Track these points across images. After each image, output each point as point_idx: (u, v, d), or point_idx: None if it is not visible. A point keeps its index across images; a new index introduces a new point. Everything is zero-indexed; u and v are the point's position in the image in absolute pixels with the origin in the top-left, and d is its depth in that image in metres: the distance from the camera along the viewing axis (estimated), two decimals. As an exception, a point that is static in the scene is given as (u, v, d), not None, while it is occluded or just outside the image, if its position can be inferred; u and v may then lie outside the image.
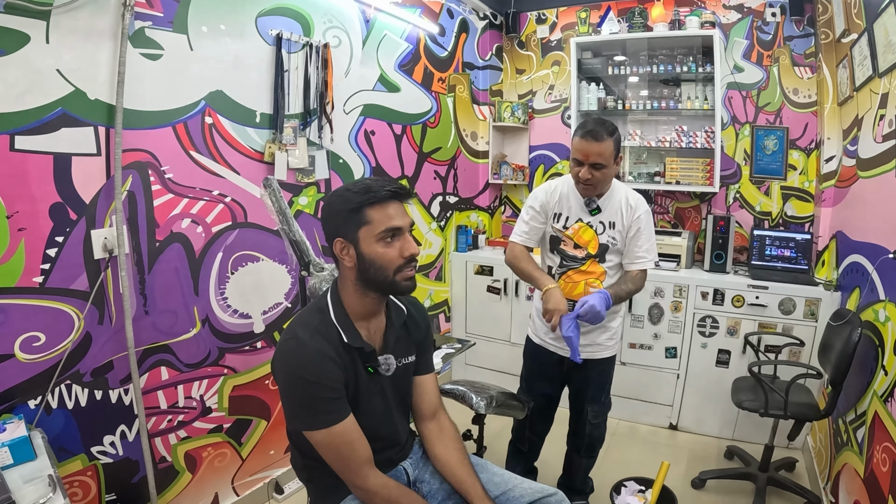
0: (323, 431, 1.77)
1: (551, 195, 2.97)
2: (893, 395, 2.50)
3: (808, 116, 4.48)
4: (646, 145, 4.84)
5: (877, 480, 2.52)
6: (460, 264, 5.17)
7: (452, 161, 5.07)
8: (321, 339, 1.80)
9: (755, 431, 4.13)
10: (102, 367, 2.53)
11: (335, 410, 1.78)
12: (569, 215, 2.91)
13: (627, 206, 2.88)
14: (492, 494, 2.03)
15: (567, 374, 3.15)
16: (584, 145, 2.70)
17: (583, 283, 2.91)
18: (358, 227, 1.79)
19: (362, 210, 1.78)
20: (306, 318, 1.87)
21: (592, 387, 3.14)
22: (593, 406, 3.17)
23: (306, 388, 1.75)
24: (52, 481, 1.86)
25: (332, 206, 1.84)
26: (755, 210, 4.73)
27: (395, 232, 1.81)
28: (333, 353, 1.79)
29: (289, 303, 3.41)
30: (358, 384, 1.89)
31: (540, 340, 3.14)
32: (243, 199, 3.07)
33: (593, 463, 3.40)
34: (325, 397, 1.77)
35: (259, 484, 3.39)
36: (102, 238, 2.44)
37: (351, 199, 1.79)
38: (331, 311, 1.87)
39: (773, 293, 4.04)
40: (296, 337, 1.80)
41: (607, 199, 2.88)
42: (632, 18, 4.73)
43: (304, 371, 1.75)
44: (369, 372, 1.92)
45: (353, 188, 1.82)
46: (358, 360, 1.88)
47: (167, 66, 2.65)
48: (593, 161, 2.69)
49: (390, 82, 4.15)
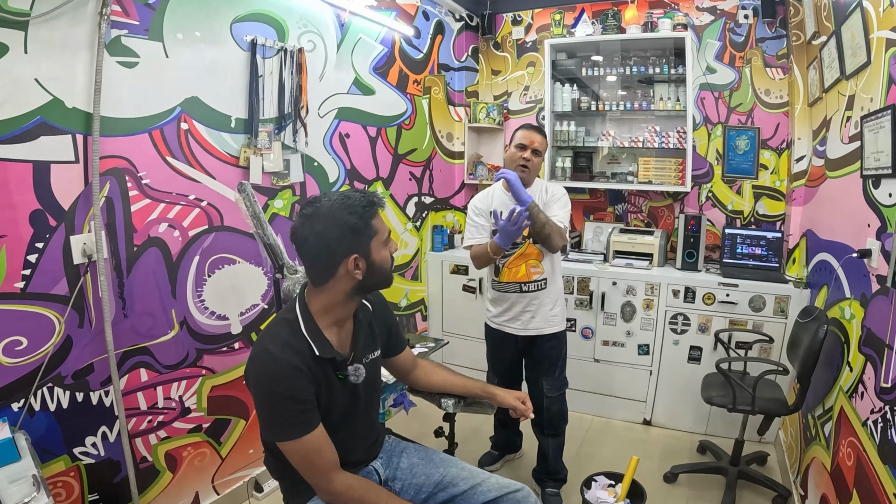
0: (293, 442, 1.82)
1: (486, 198, 3.46)
2: (858, 391, 2.55)
3: (780, 117, 4.54)
4: (619, 145, 4.89)
5: (842, 474, 2.57)
6: (436, 264, 5.22)
7: (428, 162, 5.11)
8: (291, 351, 1.83)
9: (727, 426, 4.19)
10: (83, 369, 2.55)
11: (305, 422, 1.83)
12: (503, 210, 3.19)
13: (546, 192, 3.38)
14: (460, 489, 2.11)
15: (523, 350, 3.53)
16: (529, 134, 3.29)
17: (524, 266, 3.33)
18: (369, 239, 1.88)
19: (370, 222, 1.88)
20: (276, 330, 1.90)
21: (546, 361, 3.46)
22: (548, 380, 3.47)
23: (278, 401, 1.79)
24: (37, 481, 1.90)
25: (336, 230, 1.84)
26: (727, 209, 4.80)
27: (388, 235, 1.98)
28: (304, 366, 1.83)
29: (265, 304, 3.43)
30: (330, 391, 1.94)
31: (495, 325, 3.53)
32: (219, 203, 3.10)
33: (561, 442, 3.59)
34: (296, 409, 1.81)
35: (239, 483, 3.41)
36: (81, 243, 2.47)
37: (357, 219, 1.85)
38: (301, 324, 1.90)
39: (744, 291, 4.11)
40: (266, 351, 1.83)
41: (530, 191, 3.30)
42: (605, 20, 4.78)
43: (275, 385, 1.79)
44: (340, 378, 1.98)
45: (347, 209, 1.85)
46: (329, 369, 1.93)
47: (143, 73, 2.67)
48: (536, 147, 3.27)
49: (365, 85, 4.18)
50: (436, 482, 2.16)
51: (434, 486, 2.15)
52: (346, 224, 1.83)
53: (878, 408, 2.27)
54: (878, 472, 2.18)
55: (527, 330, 3.39)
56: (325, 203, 1.87)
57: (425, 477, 2.18)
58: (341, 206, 1.85)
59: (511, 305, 3.38)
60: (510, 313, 3.40)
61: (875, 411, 2.30)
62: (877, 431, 2.26)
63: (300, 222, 1.88)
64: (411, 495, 2.14)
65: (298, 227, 1.88)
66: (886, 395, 2.22)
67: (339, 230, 1.84)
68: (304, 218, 1.87)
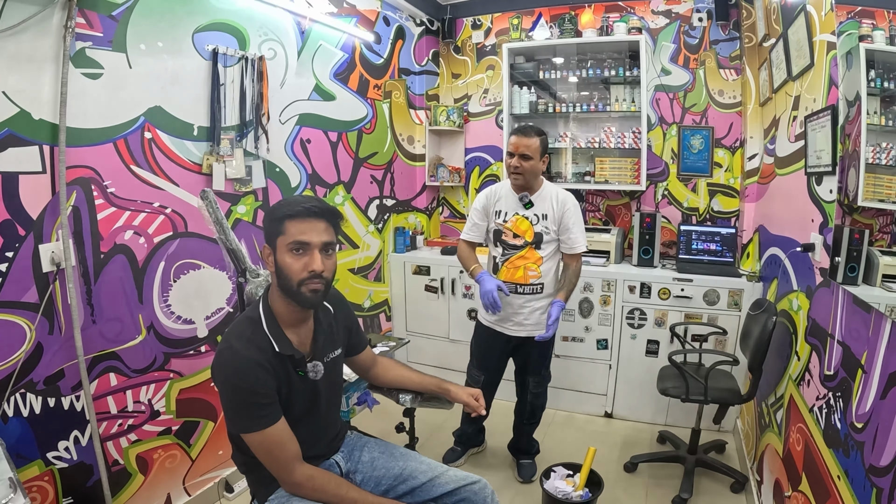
0: (257, 434, 1.91)
1: (491, 197, 3.56)
2: (805, 379, 2.66)
3: (733, 116, 4.67)
4: (577, 146, 5.00)
5: (793, 459, 2.67)
6: (399, 265, 5.27)
7: (389, 165, 5.16)
8: (254, 348, 1.92)
9: (685, 417, 4.30)
10: (54, 375, 2.57)
11: (268, 415, 1.92)
12: (507, 211, 3.44)
13: (557, 201, 3.44)
14: (419, 482, 2.20)
15: (513, 350, 3.67)
16: (514, 140, 3.33)
17: (522, 269, 3.45)
18: (277, 236, 1.95)
19: (283, 221, 1.93)
20: (240, 329, 1.99)
21: (534, 361, 3.61)
22: (535, 378, 3.65)
23: (242, 395, 1.88)
24: (13, 483, 1.94)
25: (266, 216, 2.01)
26: (683, 206, 4.92)
27: (303, 246, 1.93)
28: (265, 362, 1.92)
29: (230, 308, 3.46)
30: (291, 387, 2.03)
31: (488, 323, 3.64)
32: (183, 209, 3.13)
33: (536, 426, 3.81)
34: (259, 402, 1.90)
35: (209, 484, 3.45)
36: (50, 252, 2.49)
37: (276, 211, 1.96)
38: (263, 322, 1.99)
39: (698, 285, 4.22)
40: (230, 347, 1.92)
41: (538, 196, 3.45)
42: (562, 24, 4.89)
43: (238, 379, 1.87)
44: (300, 375, 2.06)
45: (284, 202, 1.98)
46: (290, 365, 2.02)
47: (107, 84, 2.70)
48: (522, 152, 3.29)
49: (325, 91, 4.22)
50: (395, 475, 2.24)
51: (394, 478, 2.23)
52: (268, 213, 2.00)
53: (823, 394, 2.38)
54: (823, 456, 2.28)
55: (520, 331, 3.50)
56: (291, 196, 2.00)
57: (385, 470, 2.26)
58: (286, 199, 1.99)
59: (505, 305, 3.44)
60: (503, 312, 3.47)
61: (820, 398, 2.41)
62: (822, 417, 2.36)
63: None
64: (371, 487, 2.22)
65: None
66: (829, 382, 2.32)
67: (265, 217, 2.02)
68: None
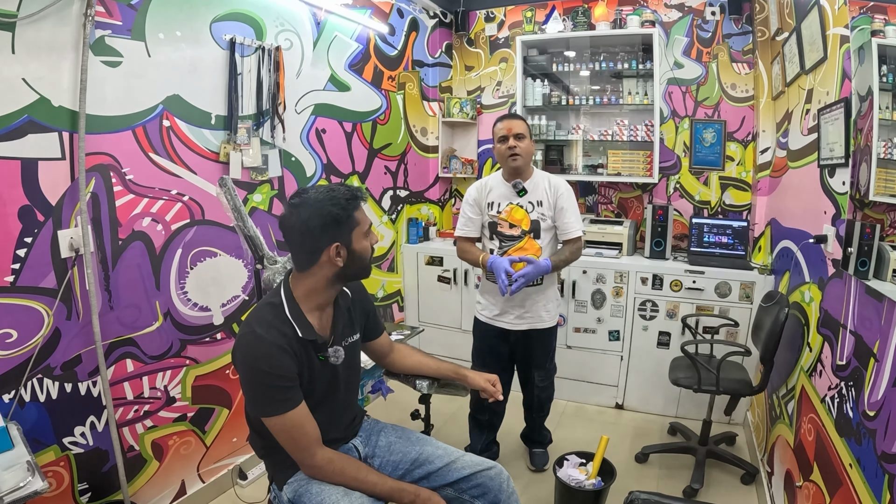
0: (278, 417, 1.93)
1: (481, 190, 3.45)
2: (816, 370, 2.67)
3: (746, 110, 4.66)
4: (589, 139, 5.00)
5: (804, 449, 2.68)
6: (412, 255, 5.30)
7: (402, 156, 5.18)
8: (277, 332, 1.95)
9: (696, 408, 4.30)
10: (71, 360, 2.60)
11: (289, 399, 1.94)
12: (500, 202, 3.34)
13: (550, 186, 3.35)
14: (435, 466, 2.22)
15: (513, 346, 3.49)
16: (505, 123, 3.29)
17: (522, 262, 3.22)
18: (351, 230, 2.01)
19: (352, 214, 2.00)
20: (262, 314, 2.01)
21: (536, 355, 3.53)
22: (539, 372, 3.57)
23: (263, 378, 1.91)
24: (31, 467, 1.95)
25: (321, 219, 1.96)
26: (695, 199, 4.91)
27: (370, 226, 2.11)
28: (288, 346, 1.94)
29: (246, 295, 3.49)
30: (312, 371, 2.05)
31: (486, 319, 3.50)
32: (200, 197, 3.15)
33: (546, 417, 3.79)
34: (281, 386, 1.92)
35: (223, 471, 3.47)
36: (69, 238, 2.52)
37: (341, 210, 1.98)
38: (285, 307, 2.02)
39: (710, 278, 4.22)
40: (253, 332, 1.94)
41: (531, 183, 3.35)
42: (575, 17, 4.89)
43: (261, 363, 1.90)
44: (321, 359, 2.09)
45: (331, 201, 1.97)
46: (311, 350, 2.05)
47: (126, 72, 2.72)
48: (516, 132, 3.24)
49: (341, 82, 4.24)
50: (412, 459, 2.26)
51: (410, 462, 2.25)
52: (329, 214, 1.95)
53: (835, 384, 2.39)
54: (835, 445, 2.29)
55: (521, 325, 3.42)
56: (312, 194, 1.99)
57: (402, 454, 2.28)
58: (326, 197, 1.97)
59: (505, 299, 3.33)
60: (503, 306, 3.41)
61: (832, 388, 2.41)
62: (833, 406, 2.37)
63: (288, 211, 2.01)
64: (388, 471, 2.23)
65: (287, 216, 2.01)
66: (841, 371, 2.33)
67: (323, 219, 1.95)
68: (292, 207, 2.00)
